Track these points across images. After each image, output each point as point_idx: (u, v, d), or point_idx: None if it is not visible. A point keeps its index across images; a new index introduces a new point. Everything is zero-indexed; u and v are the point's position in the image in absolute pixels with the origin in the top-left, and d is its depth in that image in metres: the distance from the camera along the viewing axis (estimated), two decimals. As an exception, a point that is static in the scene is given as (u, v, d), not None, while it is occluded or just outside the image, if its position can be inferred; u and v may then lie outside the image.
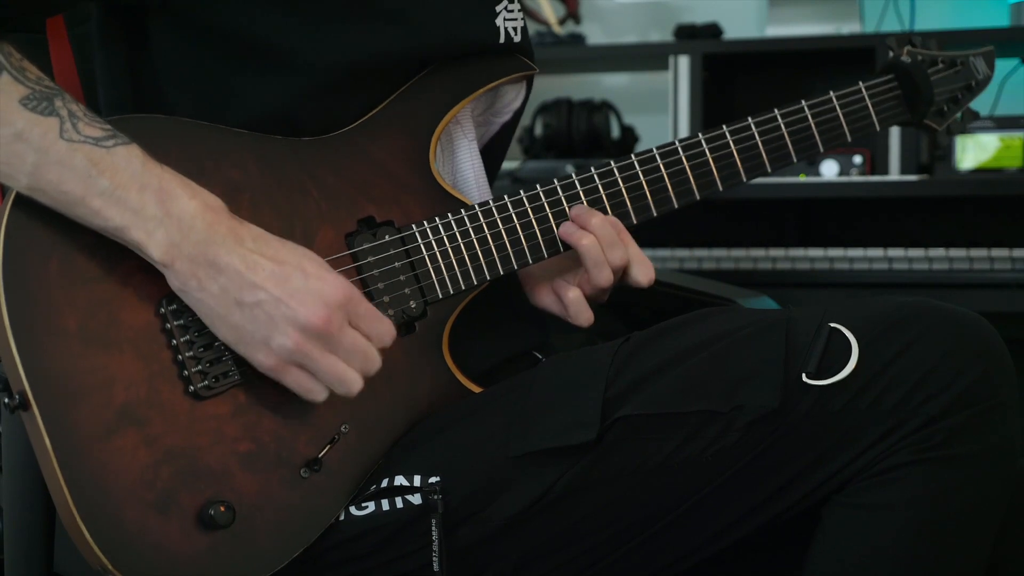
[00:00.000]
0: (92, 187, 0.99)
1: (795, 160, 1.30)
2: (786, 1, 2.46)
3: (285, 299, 1.01)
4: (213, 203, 1.02)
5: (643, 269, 1.24)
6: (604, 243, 1.21)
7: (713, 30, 2.47)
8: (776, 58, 2.39)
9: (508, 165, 2.41)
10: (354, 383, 1.04)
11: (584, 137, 2.52)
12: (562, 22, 2.70)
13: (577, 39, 2.60)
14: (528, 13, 2.67)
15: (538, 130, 2.56)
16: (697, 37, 2.45)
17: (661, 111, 2.47)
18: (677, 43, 2.41)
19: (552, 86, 2.70)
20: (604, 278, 1.22)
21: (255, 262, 1.01)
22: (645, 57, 2.52)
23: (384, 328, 1.06)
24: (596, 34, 2.82)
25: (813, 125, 1.30)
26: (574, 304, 1.25)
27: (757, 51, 2.38)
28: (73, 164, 0.99)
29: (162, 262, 1.01)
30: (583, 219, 1.21)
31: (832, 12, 2.42)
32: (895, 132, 2.21)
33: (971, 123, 1.46)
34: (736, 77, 2.50)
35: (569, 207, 1.21)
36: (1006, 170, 2.12)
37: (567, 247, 1.22)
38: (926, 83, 1.37)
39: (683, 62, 2.33)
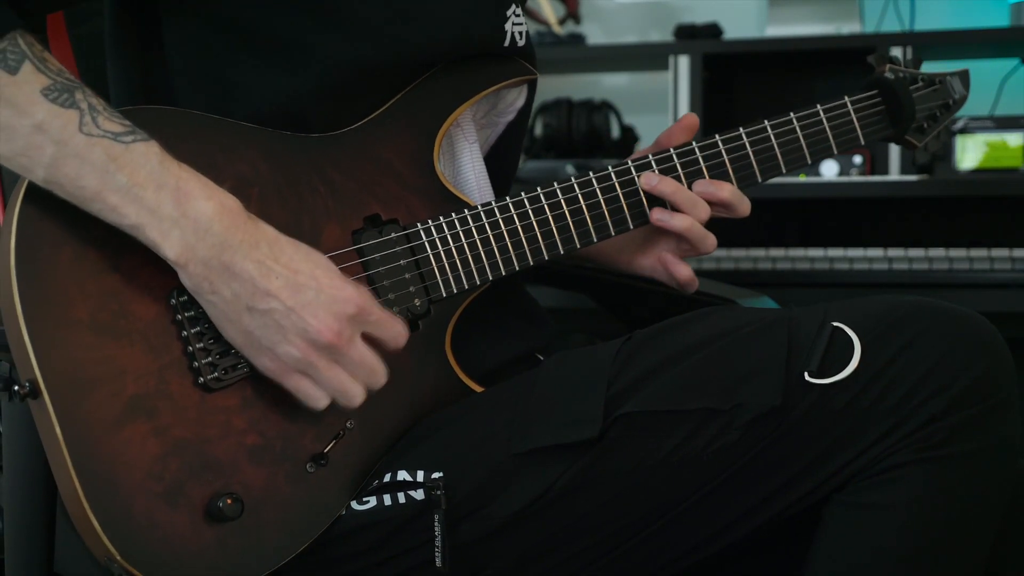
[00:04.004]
0: (109, 183, 0.99)
1: (784, 171, 1.32)
2: (786, 1, 2.46)
3: (297, 310, 1.01)
4: (230, 204, 1.02)
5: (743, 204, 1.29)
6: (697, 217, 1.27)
7: (713, 30, 2.47)
8: (776, 58, 2.39)
9: (508, 165, 2.41)
10: (356, 396, 1.05)
11: (584, 137, 2.52)
12: (562, 22, 2.70)
13: (577, 39, 2.60)
14: (528, 13, 2.67)
15: (538, 130, 2.56)
16: (697, 37, 2.45)
17: (661, 111, 2.47)
18: (677, 43, 2.40)
19: (552, 86, 2.70)
20: (710, 245, 1.28)
21: (269, 269, 1.01)
22: (645, 57, 2.52)
23: (397, 330, 1.07)
24: (596, 34, 2.83)
25: (801, 137, 1.33)
26: (688, 282, 1.32)
27: (757, 51, 2.37)
28: (91, 158, 0.99)
29: (176, 262, 1.01)
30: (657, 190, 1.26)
31: (832, 12, 2.42)
32: (895, 132, 2.20)
33: (947, 140, 1.50)
34: (736, 77, 2.50)
35: (568, 209, 1.22)
36: (1006, 170, 2.12)
37: (581, 244, 1.23)
38: (908, 99, 1.41)
39: (683, 62, 2.33)
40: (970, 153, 2.14)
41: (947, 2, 2.56)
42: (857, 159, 2.23)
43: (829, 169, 2.24)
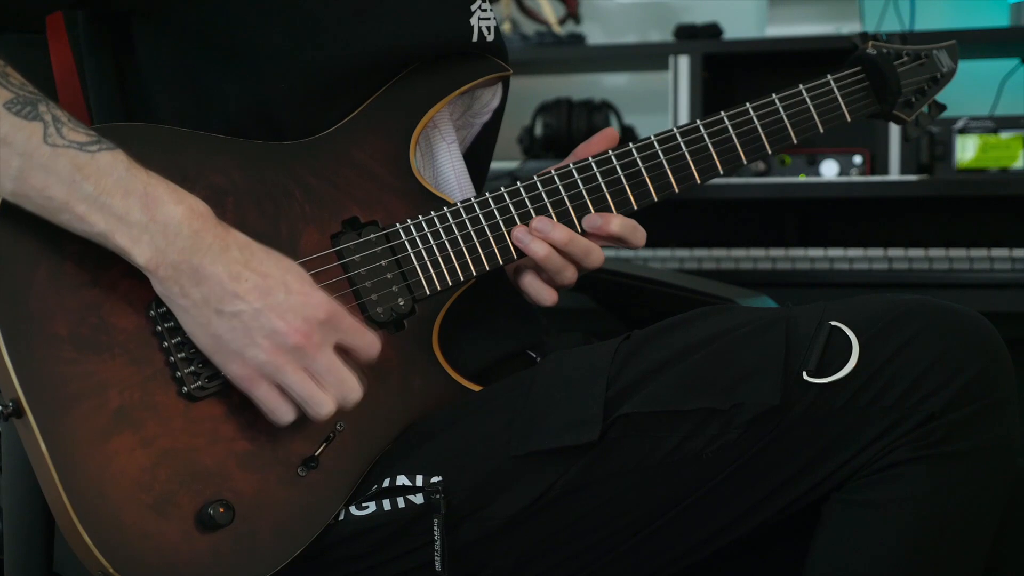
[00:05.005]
0: (76, 192, 0.99)
1: (770, 152, 1.32)
2: (786, 1, 2.46)
3: (265, 312, 1.01)
4: (200, 209, 1.02)
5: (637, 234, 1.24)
6: (570, 254, 1.20)
7: (713, 30, 2.47)
8: (776, 58, 2.39)
9: (508, 165, 2.41)
10: (323, 405, 1.03)
11: (584, 137, 2.48)
12: (562, 22, 2.70)
13: (577, 39, 2.60)
14: (528, 13, 2.67)
15: (538, 130, 2.56)
16: (697, 37, 2.45)
17: (661, 111, 2.47)
18: (677, 43, 2.41)
19: (552, 86, 2.70)
20: (567, 279, 1.22)
21: (238, 273, 1.01)
22: (645, 57, 2.52)
23: (368, 340, 1.06)
24: (596, 34, 2.82)
25: (785, 117, 1.33)
26: (531, 287, 1.24)
27: (757, 51, 2.37)
28: (57, 169, 0.98)
29: (146, 268, 1.00)
30: (543, 233, 1.19)
31: (832, 12, 2.42)
32: (895, 132, 2.21)
33: (939, 115, 1.49)
34: (736, 77, 2.50)
35: (550, 201, 1.22)
36: (1006, 170, 2.12)
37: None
38: (893, 74, 1.40)
39: (683, 62, 2.33)
40: (970, 153, 2.14)
41: (947, 2, 2.56)
42: (857, 159, 2.23)
43: (829, 169, 2.24)
